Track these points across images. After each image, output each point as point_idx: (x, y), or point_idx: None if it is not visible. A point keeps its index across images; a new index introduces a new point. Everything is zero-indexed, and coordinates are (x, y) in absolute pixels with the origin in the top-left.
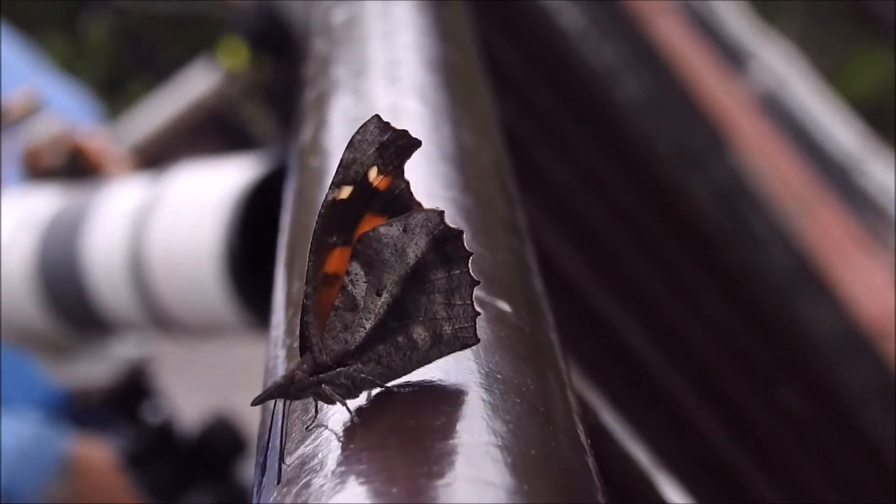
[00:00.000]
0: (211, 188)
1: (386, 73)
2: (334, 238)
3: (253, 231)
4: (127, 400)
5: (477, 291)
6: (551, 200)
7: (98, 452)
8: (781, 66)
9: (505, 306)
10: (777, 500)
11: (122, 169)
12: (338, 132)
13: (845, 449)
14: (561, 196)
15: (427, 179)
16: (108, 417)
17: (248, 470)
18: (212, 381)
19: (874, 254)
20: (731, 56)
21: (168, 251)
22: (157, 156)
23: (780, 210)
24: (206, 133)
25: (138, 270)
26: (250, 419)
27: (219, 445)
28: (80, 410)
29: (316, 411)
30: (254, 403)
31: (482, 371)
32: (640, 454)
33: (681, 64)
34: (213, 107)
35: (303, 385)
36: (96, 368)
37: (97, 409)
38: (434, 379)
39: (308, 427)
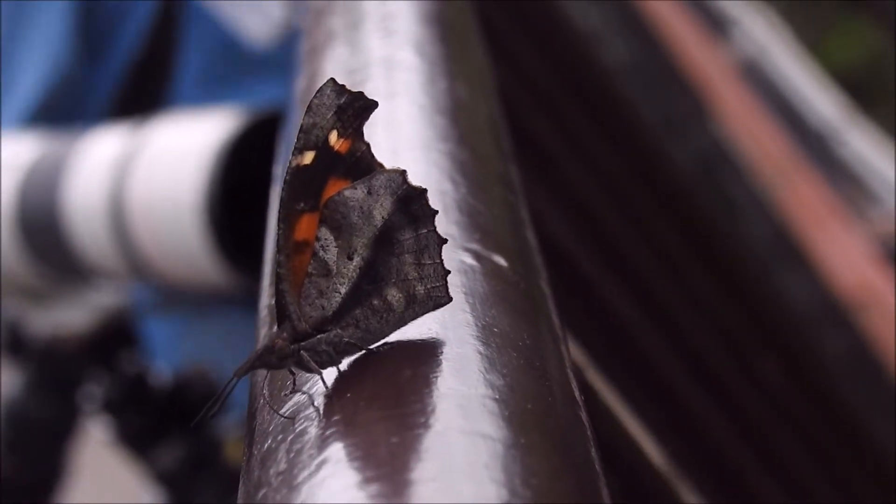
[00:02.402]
0: (193, 137)
1: (381, 25)
2: (302, 204)
3: (235, 182)
4: (103, 348)
5: (474, 245)
6: (537, 161)
7: None
8: (763, 35)
9: (501, 261)
10: (752, 464)
11: None
12: None
13: (819, 416)
14: (546, 157)
15: (423, 131)
16: (84, 365)
17: (222, 423)
18: None
19: (851, 225)
20: (714, 23)
21: (149, 200)
22: None
23: (760, 179)
24: None
25: (118, 218)
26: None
27: (193, 397)
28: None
29: (293, 379)
30: (236, 374)
31: (479, 324)
32: (623, 414)
33: (664, 30)
34: None
35: (284, 354)
36: (74, 315)
37: (73, 356)
38: (430, 331)
39: (293, 389)
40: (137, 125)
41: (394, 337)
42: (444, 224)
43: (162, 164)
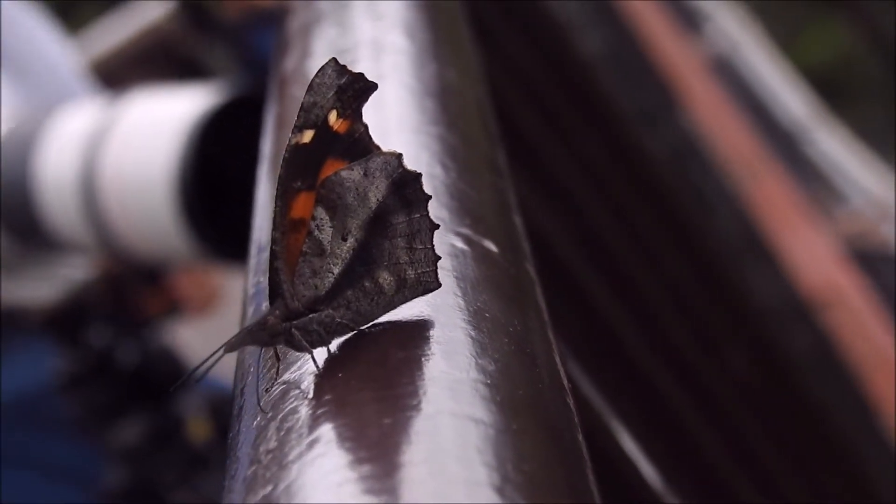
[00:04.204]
0: (167, 114)
1: (370, 8)
2: (299, 183)
3: (209, 158)
4: (69, 321)
5: (465, 230)
6: (517, 147)
7: None
8: (736, 32)
9: (491, 246)
10: (722, 453)
11: None
12: (322, 63)
13: (786, 408)
14: (526, 143)
15: (414, 114)
16: (49, 338)
17: (186, 399)
18: None
19: (817, 223)
20: (687, 18)
21: (121, 175)
22: (106, 81)
23: (728, 174)
24: (158, 61)
25: (90, 193)
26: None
27: (159, 372)
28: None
29: (277, 358)
30: (226, 350)
31: (470, 309)
32: (599, 403)
33: (638, 23)
34: (166, 35)
35: (275, 331)
36: (41, 288)
37: (38, 329)
38: (423, 314)
39: (280, 368)
40: (111, 99)
41: (386, 319)
42: (436, 208)
43: (134, 139)
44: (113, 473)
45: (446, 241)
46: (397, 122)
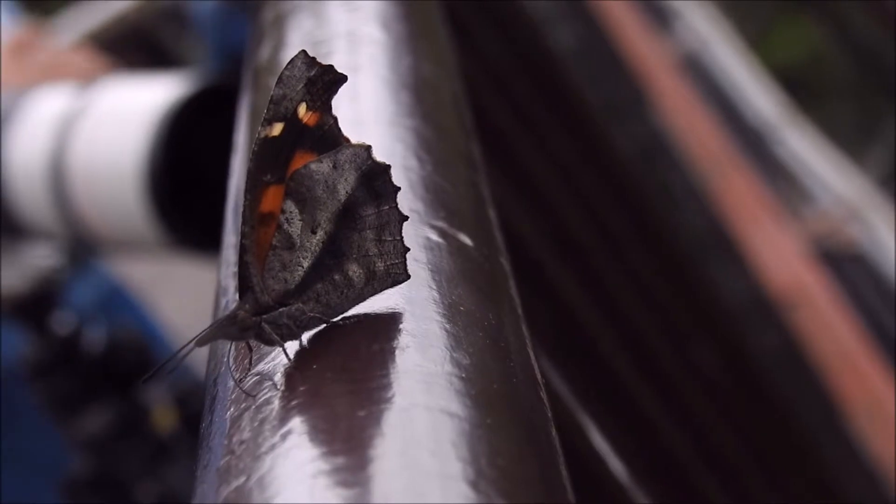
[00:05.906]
0: (138, 102)
1: None
2: (268, 176)
3: (179, 147)
4: (35, 309)
5: (440, 223)
6: (489, 140)
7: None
8: (705, 29)
9: (466, 240)
10: (687, 450)
11: None
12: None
13: (753, 408)
14: (498, 137)
15: (390, 106)
16: (15, 325)
17: (152, 388)
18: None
19: (784, 222)
20: (657, 15)
21: (90, 163)
22: None
23: (696, 171)
24: (127, 49)
25: (58, 179)
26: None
27: (125, 361)
28: None
29: (250, 349)
30: (197, 344)
31: (445, 302)
32: (569, 398)
33: (608, 19)
34: (135, 23)
35: (245, 325)
36: (6, 274)
37: (4, 316)
38: (397, 307)
39: (253, 360)
40: (83, 86)
41: (361, 311)
42: (410, 200)
43: (104, 127)
44: (78, 463)
45: (421, 234)
46: (372, 115)
